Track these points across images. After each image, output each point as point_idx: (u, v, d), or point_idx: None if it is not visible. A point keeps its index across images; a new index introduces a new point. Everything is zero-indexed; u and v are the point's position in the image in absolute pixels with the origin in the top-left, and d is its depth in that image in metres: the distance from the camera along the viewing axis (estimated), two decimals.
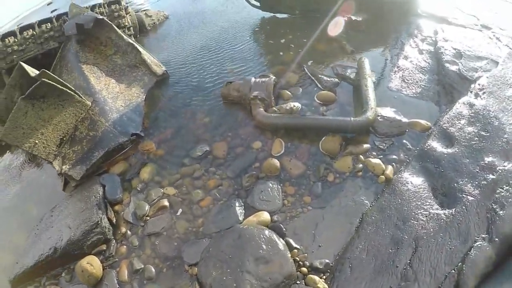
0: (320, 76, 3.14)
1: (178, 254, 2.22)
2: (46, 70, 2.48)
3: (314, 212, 2.24)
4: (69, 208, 2.45)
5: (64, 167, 2.56)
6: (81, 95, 2.70)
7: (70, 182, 2.60)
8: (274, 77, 2.97)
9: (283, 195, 2.37)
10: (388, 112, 2.69)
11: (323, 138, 2.58)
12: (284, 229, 2.16)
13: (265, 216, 2.22)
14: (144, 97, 3.11)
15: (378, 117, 2.60)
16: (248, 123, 2.86)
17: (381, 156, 2.43)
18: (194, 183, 2.52)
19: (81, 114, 2.75)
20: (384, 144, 2.51)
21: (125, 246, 2.31)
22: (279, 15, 4.26)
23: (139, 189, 2.54)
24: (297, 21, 4.08)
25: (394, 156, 2.42)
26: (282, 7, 4.11)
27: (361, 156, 2.44)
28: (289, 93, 3.03)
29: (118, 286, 2.18)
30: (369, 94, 2.68)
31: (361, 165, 2.39)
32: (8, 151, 3.41)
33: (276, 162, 2.50)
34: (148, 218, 2.38)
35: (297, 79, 3.19)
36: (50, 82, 2.42)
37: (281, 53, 3.53)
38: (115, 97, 2.97)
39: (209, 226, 2.28)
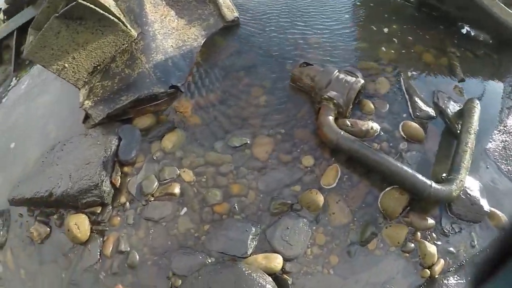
0: (415, 98, 2.24)
1: (168, 255, 1.88)
2: None
3: (333, 279, 1.76)
4: (78, 150, 2.16)
5: (86, 102, 2.22)
6: (126, 24, 2.20)
7: (90, 119, 2.26)
8: (363, 81, 2.15)
9: (310, 242, 1.84)
10: (474, 187, 1.96)
11: (387, 190, 1.91)
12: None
13: (277, 262, 1.75)
14: (203, 42, 2.51)
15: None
16: (308, 125, 2.19)
17: (440, 243, 1.83)
18: (216, 179, 2.04)
19: (123, 45, 2.29)
20: (451, 228, 1.87)
21: (119, 219, 2.02)
22: None
23: (155, 158, 2.13)
24: (409, 11, 2.90)
25: (452, 249, 1.83)
26: None
27: (419, 233, 1.83)
28: (373, 106, 2.21)
29: (99, 257, 1.95)
30: (465, 160, 1.88)
31: (413, 245, 1.81)
32: None
33: (321, 199, 1.91)
34: (152, 199, 2.01)
35: (387, 89, 2.30)
36: (88, 4, 1.93)
37: (383, 48, 2.54)
38: (167, 33, 2.42)
39: (212, 241, 1.86)
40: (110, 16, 2.09)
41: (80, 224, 1.96)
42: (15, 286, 2.13)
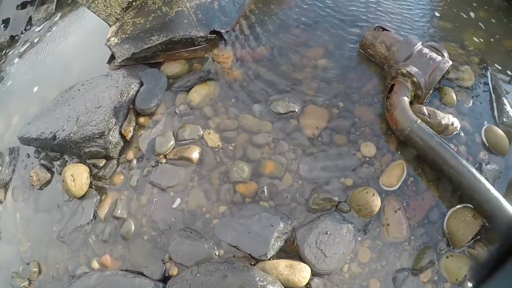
0: (503, 99, 1.73)
1: (169, 233, 1.49)
2: None
3: None
4: (94, 91, 1.83)
5: (112, 39, 1.88)
6: None
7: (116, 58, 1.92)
8: (450, 62, 1.61)
9: (351, 257, 1.37)
10: None
11: (458, 207, 1.44)
12: None
13: (304, 275, 1.30)
14: None
15: None
16: (375, 104, 1.67)
17: None
18: (247, 150, 1.58)
19: None
20: None
21: (122, 177, 1.66)
22: None
23: (178, 111, 1.72)
24: (499, 2, 2.25)
25: None
26: None
27: None
28: (455, 97, 1.67)
29: (92, 217, 1.62)
30: None
31: (471, 285, 1.35)
32: None
33: (378, 203, 1.41)
34: (164, 161, 1.60)
35: (472, 81, 1.77)
36: None
37: (469, 34, 1.96)
38: None
39: (226, 228, 1.42)
40: None
41: (76, 176, 1.63)
42: (9, 228, 1.93)
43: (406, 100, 1.56)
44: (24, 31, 2.91)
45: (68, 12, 2.79)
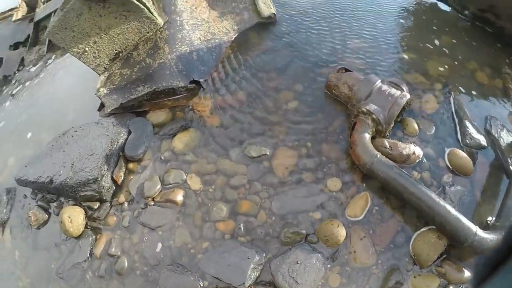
0: (466, 122, 1.88)
1: (159, 268, 1.68)
2: None
3: None
4: (87, 138, 2.02)
5: (102, 89, 2.08)
6: (152, 11, 2.03)
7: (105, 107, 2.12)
8: (409, 96, 1.81)
9: (322, 282, 1.54)
10: None
11: (422, 231, 1.59)
12: None
13: None
14: (234, 37, 2.28)
15: None
16: (340, 141, 1.89)
17: None
18: (225, 192, 1.80)
19: (147, 32, 2.13)
20: None
21: (115, 219, 1.85)
22: (442, 6, 2.66)
23: (163, 158, 1.94)
24: (462, 24, 2.50)
25: None
26: None
27: (452, 287, 1.49)
28: (416, 127, 1.87)
29: (88, 255, 1.80)
30: None
31: None
32: None
33: (343, 233, 1.61)
34: (152, 203, 1.81)
35: (435, 108, 1.96)
36: None
37: (432, 61, 2.18)
38: (196, 25, 2.22)
39: (209, 262, 1.62)
40: (135, 1, 1.93)
41: (73, 217, 1.82)
42: (8, 266, 2.05)
43: (367, 136, 1.72)
44: (17, 72, 3.07)
45: (60, 55, 2.96)
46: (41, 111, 2.57)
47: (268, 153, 1.86)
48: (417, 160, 1.75)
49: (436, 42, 2.33)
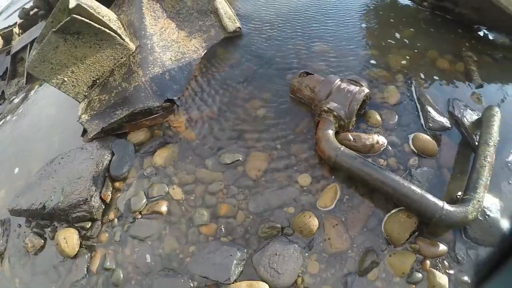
0: (428, 107, 2.05)
1: (151, 275, 1.81)
2: (84, 3, 1.97)
3: None
4: (74, 163, 2.16)
5: (83, 116, 2.23)
6: (124, 37, 2.19)
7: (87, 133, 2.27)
8: (367, 91, 1.98)
9: (302, 270, 1.68)
10: (493, 207, 1.71)
11: (392, 212, 1.72)
12: None
13: None
14: (203, 54, 2.46)
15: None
16: (308, 140, 2.06)
17: (452, 272, 1.58)
18: (205, 198, 1.96)
19: (121, 58, 2.29)
20: (466, 255, 1.62)
21: (107, 235, 1.99)
22: (402, 0, 2.89)
23: (146, 174, 2.09)
24: (422, 15, 2.71)
25: (467, 279, 1.55)
26: None
27: (428, 261, 1.60)
28: (379, 118, 2.04)
29: (85, 272, 1.92)
30: (483, 176, 1.65)
31: (420, 276, 1.58)
32: None
33: (315, 223, 1.76)
34: (140, 216, 1.96)
35: (397, 98, 2.13)
36: (82, 19, 1.94)
37: (393, 55, 2.38)
38: (166, 46, 2.39)
39: (196, 263, 1.77)
40: (107, 30, 2.09)
41: (68, 238, 1.95)
42: None
43: (331, 132, 1.87)
44: None
45: (39, 85, 3.09)
46: (27, 142, 2.69)
47: (241, 159, 2.03)
48: (382, 149, 1.89)
49: (397, 35, 2.52)
